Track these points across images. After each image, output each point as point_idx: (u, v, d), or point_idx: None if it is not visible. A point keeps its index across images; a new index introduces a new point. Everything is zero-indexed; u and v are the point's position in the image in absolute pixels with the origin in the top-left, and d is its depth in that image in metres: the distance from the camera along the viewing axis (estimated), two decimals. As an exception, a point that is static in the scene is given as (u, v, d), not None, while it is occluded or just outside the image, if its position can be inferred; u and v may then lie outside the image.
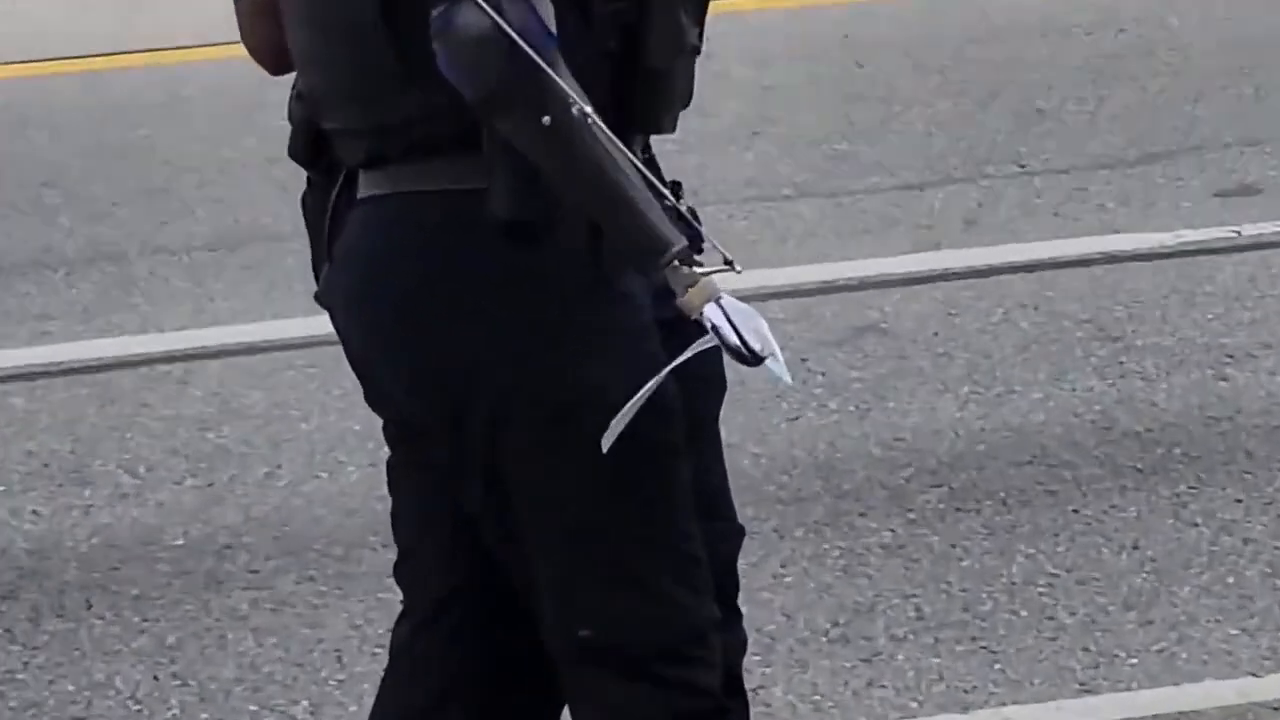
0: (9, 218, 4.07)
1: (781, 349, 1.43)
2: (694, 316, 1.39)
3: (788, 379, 1.46)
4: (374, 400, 1.59)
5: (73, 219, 4.05)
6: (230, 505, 3.00)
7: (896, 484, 2.97)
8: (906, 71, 4.62)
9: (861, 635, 2.60)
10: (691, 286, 1.40)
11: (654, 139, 1.56)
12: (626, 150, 1.40)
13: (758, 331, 1.40)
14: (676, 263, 1.39)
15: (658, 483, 1.49)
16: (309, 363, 3.33)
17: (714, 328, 1.39)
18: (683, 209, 1.48)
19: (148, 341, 3.54)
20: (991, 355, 3.38)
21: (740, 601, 1.68)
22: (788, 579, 2.73)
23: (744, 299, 1.43)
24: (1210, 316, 3.48)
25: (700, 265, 1.42)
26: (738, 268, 1.42)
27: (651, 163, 1.51)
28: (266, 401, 3.30)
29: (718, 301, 1.39)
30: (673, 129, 1.54)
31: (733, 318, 1.39)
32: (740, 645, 1.62)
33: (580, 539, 1.49)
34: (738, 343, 1.39)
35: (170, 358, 3.48)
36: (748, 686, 1.70)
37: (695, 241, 1.47)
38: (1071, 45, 4.72)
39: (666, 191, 1.45)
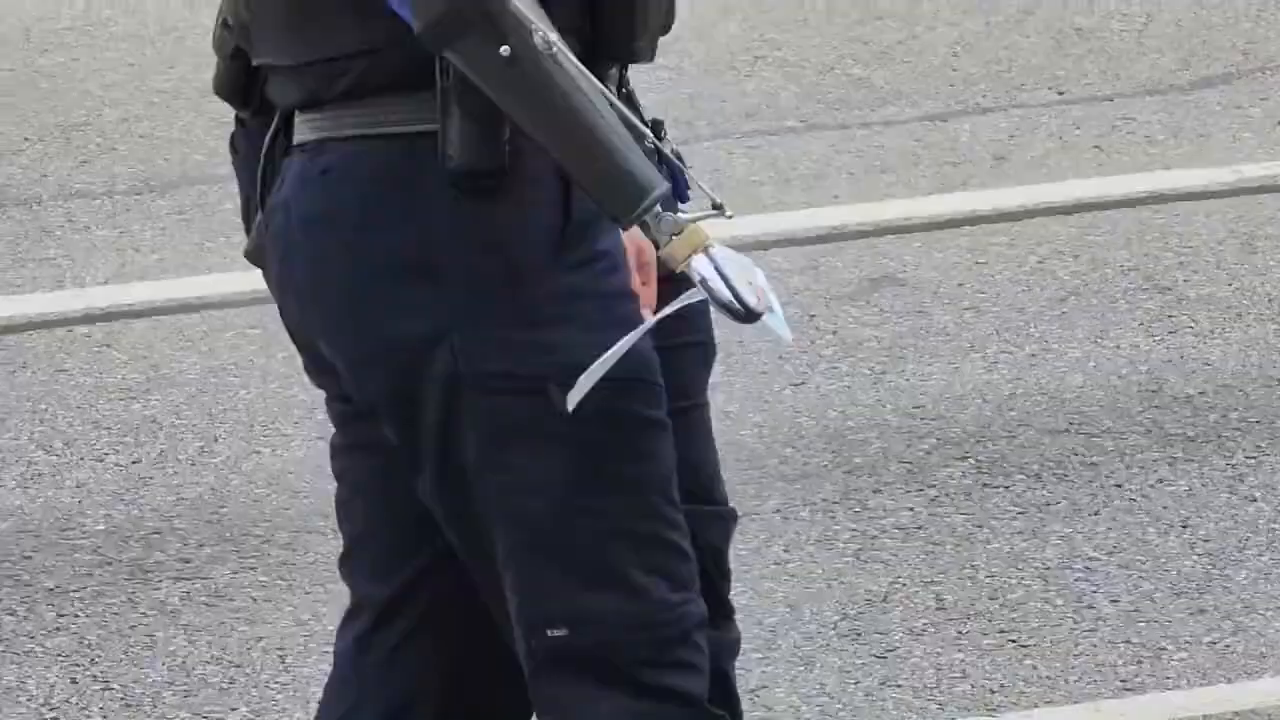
0: (-106, 155, 4.05)
1: (783, 304, 1.41)
2: (679, 269, 1.35)
3: (788, 336, 1.44)
4: (314, 373, 1.56)
5: (-26, 158, 4.04)
6: (159, 485, 3.00)
7: (916, 456, 2.98)
8: (929, -16, 4.61)
9: (875, 629, 2.60)
10: (677, 235, 1.35)
11: (637, 69, 1.52)
12: (599, 83, 1.36)
13: (753, 284, 1.35)
14: (658, 209, 1.36)
15: (637, 465, 1.45)
16: (249, 323, 3.32)
17: (702, 280, 1.35)
18: (666, 150, 1.44)
19: (64, 299, 3.53)
20: (1024, 310, 3.37)
21: (738, 592, 1.67)
22: (792, 565, 2.73)
23: (740, 249, 1.40)
24: (1273, 263, 3.48)
25: (685, 213, 1.39)
26: (729, 213, 1.39)
27: (629, 98, 1.48)
28: (200, 367, 3.29)
29: (706, 251, 1.35)
30: (651, 57, 1.50)
31: (724, 269, 1.35)
32: (732, 645, 1.58)
33: (549, 530, 1.46)
34: (730, 296, 1.34)
35: (90, 318, 3.47)
36: (746, 687, 1.70)
37: (680, 185, 1.45)
38: (1115, -47, 4.71)
39: (646, 130, 1.42)
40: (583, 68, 1.35)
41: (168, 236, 3.74)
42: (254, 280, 1.54)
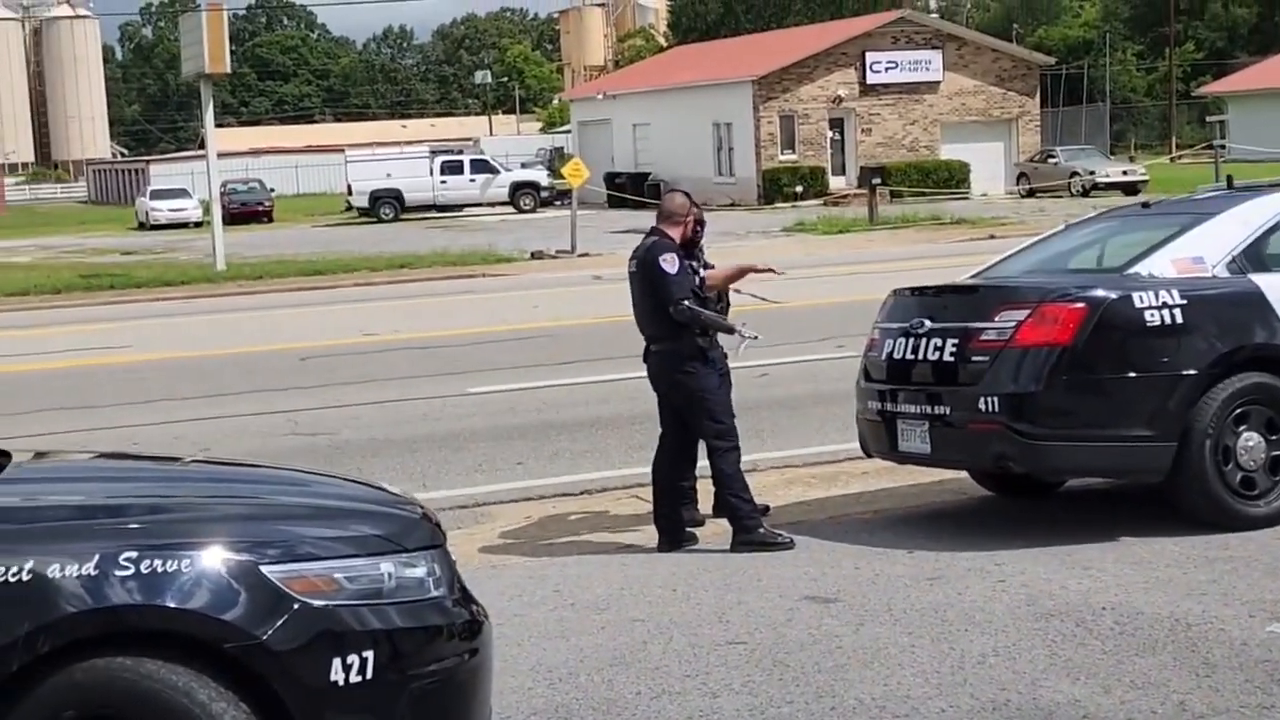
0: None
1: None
2: (744, 330, 9.38)
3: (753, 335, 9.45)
4: (661, 393, 9.41)
5: None
6: None
7: None
8: None
9: None
10: (742, 327, 9.31)
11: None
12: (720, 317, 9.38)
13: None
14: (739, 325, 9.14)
15: (723, 394, 9.28)
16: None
17: (750, 336, 9.37)
18: (738, 325, 9.39)
19: None
20: None
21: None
22: None
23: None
24: None
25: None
26: (755, 334, 9.48)
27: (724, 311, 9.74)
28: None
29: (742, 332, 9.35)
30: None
31: (746, 333, 9.36)
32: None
33: (697, 411, 9.16)
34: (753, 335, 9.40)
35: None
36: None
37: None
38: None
39: (731, 323, 9.39)
40: (718, 315, 9.54)
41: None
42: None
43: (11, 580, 4.32)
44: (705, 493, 9.75)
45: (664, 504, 9.37)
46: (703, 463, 9.43)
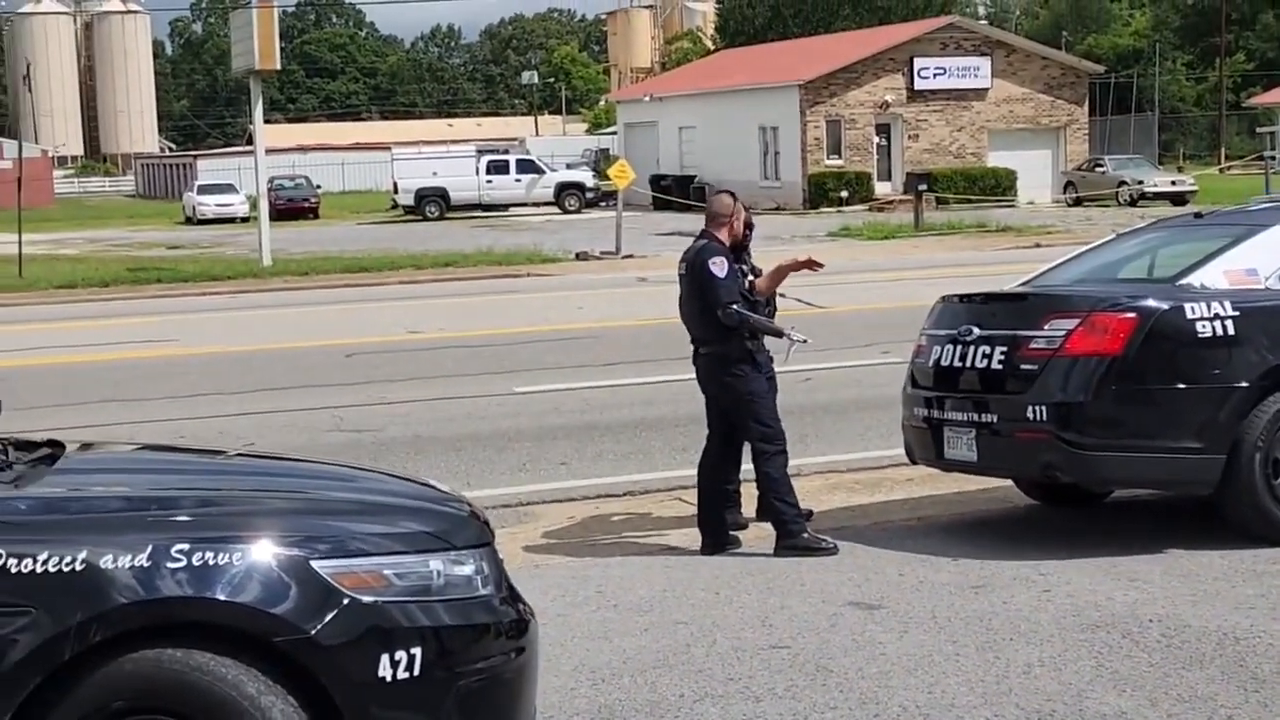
0: None
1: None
2: (794, 334, 9.37)
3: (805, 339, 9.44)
4: (710, 395, 9.45)
5: None
6: None
7: None
8: None
9: None
10: (791, 331, 9.21)
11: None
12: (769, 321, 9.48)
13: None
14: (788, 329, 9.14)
15: (770, 398, 9.34)
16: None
17: (799, 340, 9.34)
18: (787, 329, 9.39)
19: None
20: None
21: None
22: None
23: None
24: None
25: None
26: (805, 337, 9.45)
27: (771, 315, 9.77)
28: None
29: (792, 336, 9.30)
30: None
31: (795, 336, 9.34)
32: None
33: (744, 414, 9.18)
34: (802, 339, 9.36)
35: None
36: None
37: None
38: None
39: (779, 327, 9.46)
40: (768, 320, 9.58)
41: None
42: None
43: (65, 570, 4.35)
44: (749, 496, 9.74)
45: (708, 507, 9.36)
46: (747, 466, 9.42)
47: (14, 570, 4.33)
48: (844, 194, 54.84)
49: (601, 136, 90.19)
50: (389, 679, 4.49)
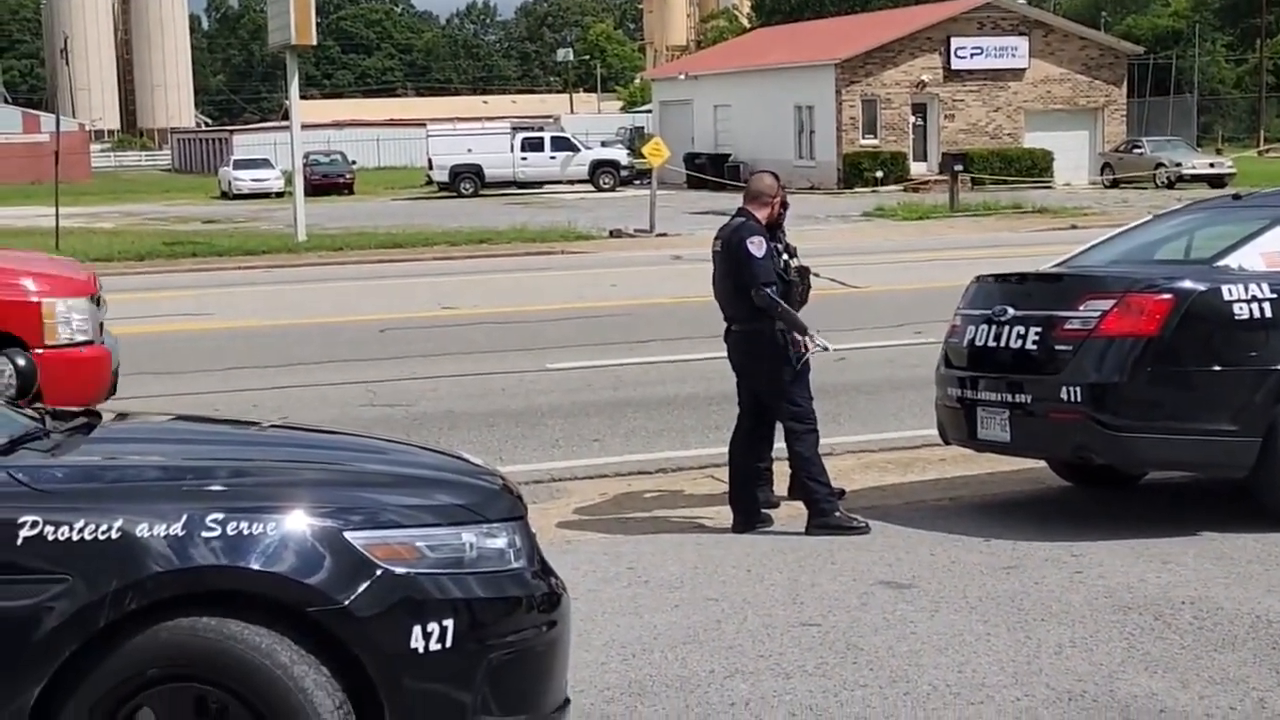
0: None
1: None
2: (816, 339, 9.09)
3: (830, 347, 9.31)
4: (741, 376, 9.43)
5: None
6: None
7: None
8: None
9: None
10: (818, 333, 8.97)
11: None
12: (797, 316, 9.15)
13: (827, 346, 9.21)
14: (812, 331, 8.97)
15: (802, 377, 9.16)
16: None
17: (819, 346, 9.08)
18: (811, 330, 9.09)
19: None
20: None
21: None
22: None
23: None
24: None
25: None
26: (826, 344, 9.20)
27: (806, 292, 9.66)
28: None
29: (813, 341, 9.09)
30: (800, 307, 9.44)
31: (818, 345, 9.11)
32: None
33: (775, 393, 9.15)
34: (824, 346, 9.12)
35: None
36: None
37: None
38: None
39: (804, 325, 9.14)
40: (791, 311, 9.30)
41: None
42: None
43: (101, 538, 4.38)
44: (781, 474, 9.74)
45: (740, 484, 9.36)
46: (779, 444, 9.42)
47: (50, 538, 4.37)
48: (879, 174, 54.68)
49: (636, 114, 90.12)
50: (421, 650, 4.51)
